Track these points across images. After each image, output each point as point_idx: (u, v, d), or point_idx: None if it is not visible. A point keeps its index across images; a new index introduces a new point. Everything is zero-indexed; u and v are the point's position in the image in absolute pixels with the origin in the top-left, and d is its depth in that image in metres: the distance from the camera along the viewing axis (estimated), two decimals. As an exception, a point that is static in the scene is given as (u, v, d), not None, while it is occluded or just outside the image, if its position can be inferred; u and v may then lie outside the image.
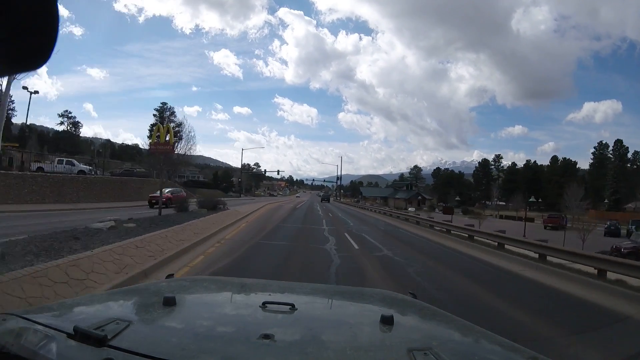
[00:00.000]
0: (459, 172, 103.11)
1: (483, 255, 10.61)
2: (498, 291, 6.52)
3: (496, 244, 11.31)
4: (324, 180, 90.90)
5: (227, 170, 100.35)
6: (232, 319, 1.18)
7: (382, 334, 1.07)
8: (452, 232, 15.05)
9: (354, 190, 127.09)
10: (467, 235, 13.71)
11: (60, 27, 0.59)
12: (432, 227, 17.22)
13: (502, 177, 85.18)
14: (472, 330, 1.20)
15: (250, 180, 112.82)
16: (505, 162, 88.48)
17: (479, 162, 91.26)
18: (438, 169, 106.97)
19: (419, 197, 79.59)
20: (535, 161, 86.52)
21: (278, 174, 71.95)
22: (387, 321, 1.07)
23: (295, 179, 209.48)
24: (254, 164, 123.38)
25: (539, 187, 72.58)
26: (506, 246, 10.86)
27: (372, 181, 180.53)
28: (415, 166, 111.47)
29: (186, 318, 1.13)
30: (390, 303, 1.54)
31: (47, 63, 0.62)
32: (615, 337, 4.57)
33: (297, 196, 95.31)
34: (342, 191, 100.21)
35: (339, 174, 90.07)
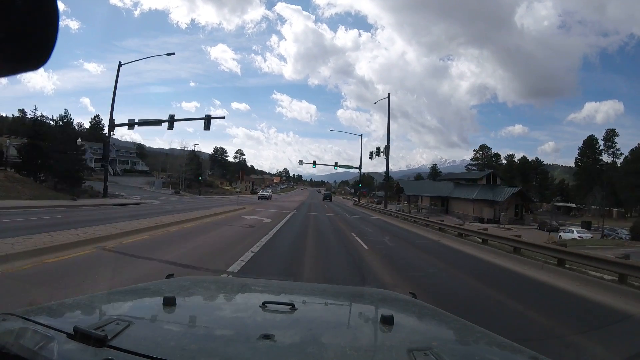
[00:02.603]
0: (536, 158, 68.17)
1: None
2: None
3: None
4: (336, 163, 43.74)
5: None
6: (232, 319, 1.16)
7: (382, 334, 1.05)
8: None
9: (368, 186, 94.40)
10: None
11: (59, 27, 0.56)
12: None
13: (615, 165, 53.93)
14: (472, 331, 1.17)
15: (213, 167, 73.97)
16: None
17: (583, 142, 58.56)
18: (497, 154, 71.53)
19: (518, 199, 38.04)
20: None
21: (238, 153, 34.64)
22: (387, 321, 1.05)
23: (293, 174, 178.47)
24: (237, 152, 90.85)
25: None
26: None
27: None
28: (483, 145, 70.32)
29: (186, 318, 1.11)
30: (390, 303, 1.53)
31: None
32: None
33: (261, 195, 40.61)
34: (349, 188, 63.12)
35: (365, 160, 51.90)
